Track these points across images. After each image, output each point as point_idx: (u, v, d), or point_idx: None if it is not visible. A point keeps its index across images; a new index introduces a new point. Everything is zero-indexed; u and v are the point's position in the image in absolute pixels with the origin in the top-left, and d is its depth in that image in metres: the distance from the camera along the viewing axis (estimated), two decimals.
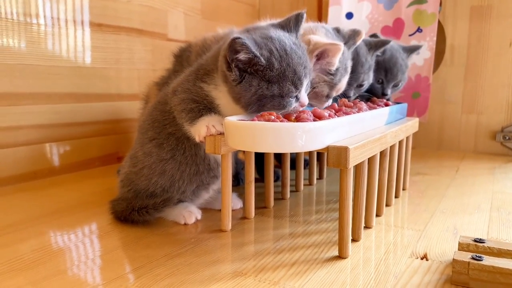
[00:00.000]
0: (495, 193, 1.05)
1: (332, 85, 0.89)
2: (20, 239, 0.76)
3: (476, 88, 1.61)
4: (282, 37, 0.74)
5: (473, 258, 0.59)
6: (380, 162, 0.87)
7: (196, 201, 0.86)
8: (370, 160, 0.80)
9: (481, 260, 0.58)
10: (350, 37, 0.95)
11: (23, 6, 1.08)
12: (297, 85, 0.72)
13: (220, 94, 0.75)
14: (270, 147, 0.62)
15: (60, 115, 1.19)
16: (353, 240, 0.75)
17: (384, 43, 1.10)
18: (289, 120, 0.66)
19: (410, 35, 1.64)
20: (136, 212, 0.79)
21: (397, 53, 1.18)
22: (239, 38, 0.66)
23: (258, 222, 0.85)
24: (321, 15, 1.85)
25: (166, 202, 0.79)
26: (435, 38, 1.59)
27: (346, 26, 1.72)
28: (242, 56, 0.68)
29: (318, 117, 0.71)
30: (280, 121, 0.64)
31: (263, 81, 0.70)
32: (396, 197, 1.01)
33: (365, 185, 0.74)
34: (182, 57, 1.07)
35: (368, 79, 1.07)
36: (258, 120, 0.63)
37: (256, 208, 0.91)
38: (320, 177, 1.20)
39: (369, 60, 1.07)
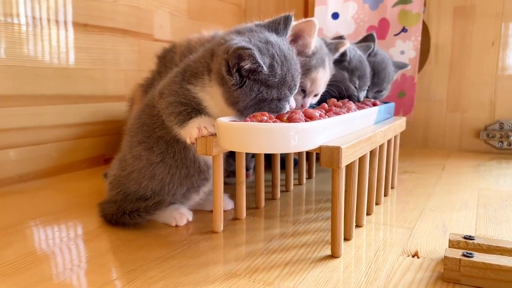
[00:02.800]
0: (481, 191, 1.07)
1: (304, 69, 0.88)
2: (7, 243, 0.74)
3: (460, 86, 1.63)
4: (279, 42, 0.75)
5: (464, 255, 0.60)
6: (370, 161, 0.87)
7: (187, 203, 0.85)
8: (361, 159, 0.80)
9: (472, 257, 0.59)
10: (332, 44, 0.98)
11: (4, 6, 1.06)
12: (292, 89, 0.74)
13: (208, 95, 0.75)
14: (263, 148, 0.62)
15: (45, 117, 1.17)
16: (345, 239, 0.75)
17: (369, 46, 1.13)
18: (281, 120, 0.66)
19: (395, 35, 1.66)
20: (127, 215, 0.78)
21: (388, 61, 1.19)
22: (247, 48, 0.66)
23: (249, 222, 0.85)
24: (307, 15, 1.86)
25: (158, 205, 0.78)
26: (419, 38, 1.61)
27: (332, 26, 1.73)
28: (247, 65, 0.68)
29: (309, 117, 0.71)
30: (273, 122, 0.64)
31: (263, 86, 0.70)
32: (385, 195, 1.02)
33: (355, 185, 0.75)
34: (166, 58, 1.07)
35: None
36: (251, 121, 0.63)
37: (247, 208, 0.91)
38: (309, 176, 1.21)
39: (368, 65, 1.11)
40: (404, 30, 1.65)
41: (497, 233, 0.79)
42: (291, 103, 0.76)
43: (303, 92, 0.91)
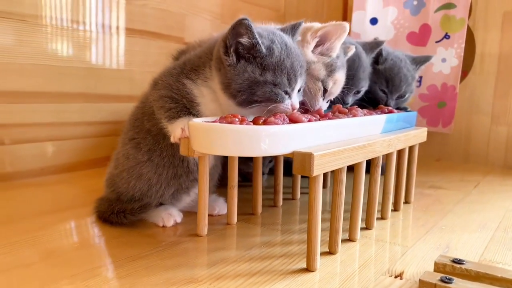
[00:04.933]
0: (509, 212, 0.97)
1: (330, 69, 0.85)
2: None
3: (508, 98, 1.50)
4: (283, 35, 0.76)
5: (442, 280, 0.54)
6: (371, 172, 0.82)
7: (178, 205, 0.84)
8: (356, 169, 0.76)
9: (450, 283, 0.53)
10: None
11: (29, 7, 1.12)
12: (291, 80, 0.72)
13: (204, 91, 0.74)
14: (229, 150, 0.60)
15: (70, 114, 1.22)
16: (330, 253, 0.71)
17: (379, 44, 1.06)
18: (257, 124, 0.63)
19: (436, 42, 1.57)
20: (114, 214, 0.79)
21: (401, 62, 1.12)
22: (245, 19, 0.66)
23: (239, 228, 0.82)
24: (345, 20, 1.80)
25: (143, 209, 0.78)
26: (463, 45, 1.51)
27: (371, 32, 1.66)
28: (244, 40, 0.68)
29: (294, 121, 0.68)
30: (245, 124, 0.62)
31: (257, 68, 0.69)
32: (395, 210, 0.96)
33: (342, 195, 0.70)
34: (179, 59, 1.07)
35: (366, 85, 1.03)
36: (220, 123, 0.61)
37: (243, 214, 0.89)
38: (324, 186, 1.16)
39: (368, 66, 1.03)
40: (446, 36, 1.55)
41: (505, 259, 0.71)
42: (293, 101, 0.73)
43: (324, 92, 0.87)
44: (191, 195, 0.84)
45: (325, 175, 1.16)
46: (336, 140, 0.70)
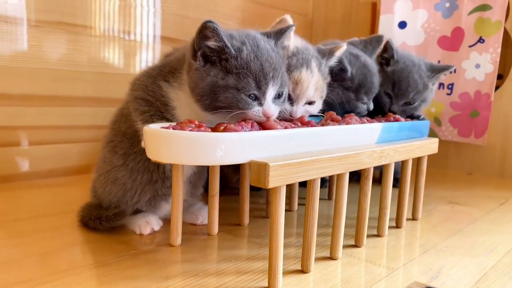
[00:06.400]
0: None
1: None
2: None
3: None
4: (258, 36, 0.72)
5: None
6: (360, 185, 0.76)
7: (158, 212, 0.82)
8: (337, 182, 0.70)
9: None
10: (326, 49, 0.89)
11: (36, 12, 1.15)
12: (260, 83, 0.68)
13: (181, 94, 0.73)
14: (177, 158, 0.56)
15: (82, 118, 1.24)
16: (302, 272, 0.66)
17: (378, 39, 1.00)
18: (217, 131, 0.60)
19: (470, 46, 1.46)
20: (92, 220, 0.78)
21: (414, 67, 1.04)
22: (210, 22, 0.64)
23: (219, 240, 0.79)
24: (374, 25, 1.72)
25: (117, 217, 0.77)
26: (499, 50, 1.39)
27: (399, 36, 1.58)
28: (211, 43, 0.66)
29: (268, 129, 0.64)
30: (202, 131, 0.58)
31: (220, 71, 0.67)
32: (397, 227, 0.88)
33: (315, 209, 0.65)
34: None
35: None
36: (174, 129, 0.58)
37: (228, 224, 0.86)
38: (329, 197, 1.09)
39: (376, 65, 0.99)
40: (480, 40, 1.43)
41: None
42: (265, 108, 0.69)
43: (290, 98, 0.83)
44: (170, 203, 0.82)
45: (330, 185, 1.10)
46: (313, 150, 0.65)
